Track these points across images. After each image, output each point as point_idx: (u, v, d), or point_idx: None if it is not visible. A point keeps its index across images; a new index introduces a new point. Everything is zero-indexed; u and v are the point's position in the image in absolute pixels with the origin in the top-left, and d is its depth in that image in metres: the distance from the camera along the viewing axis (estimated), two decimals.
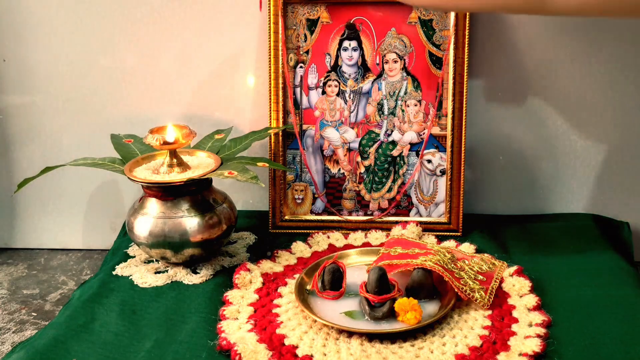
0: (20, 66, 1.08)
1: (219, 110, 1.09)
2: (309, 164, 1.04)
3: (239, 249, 0.99)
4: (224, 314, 0.82)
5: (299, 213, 1.05)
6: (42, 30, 1.07)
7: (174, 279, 0.91)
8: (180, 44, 1.07)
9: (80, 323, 0.81)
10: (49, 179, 0.99)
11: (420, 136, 1.03)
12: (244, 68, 1.07)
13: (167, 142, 0.90)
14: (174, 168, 0.92)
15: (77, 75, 1.08)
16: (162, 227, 0.90)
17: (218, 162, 0.93)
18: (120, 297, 0.87)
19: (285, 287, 0.87)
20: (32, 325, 0.93)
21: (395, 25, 1.00)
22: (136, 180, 0.90)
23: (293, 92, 1.02)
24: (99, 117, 1.10)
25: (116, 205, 1.14)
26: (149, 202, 0.92)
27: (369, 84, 1.02)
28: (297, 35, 1.01)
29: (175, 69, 1.08)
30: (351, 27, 1.01)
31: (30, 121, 1.11)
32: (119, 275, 0.93)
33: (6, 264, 1.12)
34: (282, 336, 0.76)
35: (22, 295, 1.01)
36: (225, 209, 0.94)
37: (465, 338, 0.76)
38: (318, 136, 1.04)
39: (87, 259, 1.13)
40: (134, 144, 1.00)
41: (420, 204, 1.04)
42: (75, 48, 1.07)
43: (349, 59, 1.02)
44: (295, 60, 1.02)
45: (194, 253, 0.92)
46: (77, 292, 0.90)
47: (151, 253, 0.93)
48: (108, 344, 0.78)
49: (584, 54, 1.03)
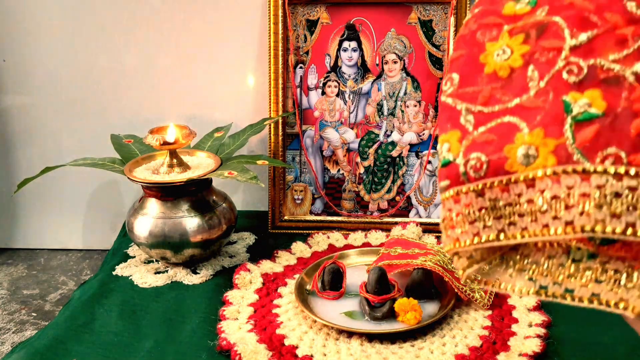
0: (20, 66, 1.08)
1: (219, 111, 1.09)
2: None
3: (239, 249, 0.99)
4: (224, 314, 0.82)
5: (298, 213, 1.06)
6: (42, 31, 1.07)
7: (174, 279, 0.91)
8: (180, 45, 1.07)
9: (80, 323, 0.81)
10: (49, 179, 1.00)
11: (419, 137, 1.03)
12: (244, 68, 1.07)
13: (167, 143, 0.90)
14: (174, 168, 0.92)
15: (77, 75, 1.08)
16: (162, 228, 0.90)
17: (218, 162, 0.93)
18: (120, 298, 0.87)
19: (285, 288, 0.88)
20: (32, 325, 0.93)
21: (395, 25, 1.00)
22: (136, 180, 0.90)
23: (297, 92, 1.03)
24: (99, 118, 1.10)
25: (116, 205, 1.14)
26: (149, 202, 0.92)
27: (368, 85, 1.02)
28: (297, 36, 1.02)
29: (176, 70, 1.08)
30: (351, 27, 1.01)
31: (31, 121, 1.11)
32: (119, 275, 0.93)
33: (6, 264, 1.12)
34: (282, 336, 0.76)
35: (22, 296, 1.01)
36: (225, 209, 0.94)
37: (465, 338, 0.76)
38: (317, 137, 1.04)
39: (87, 259, 1.13)
40: (134, 144, 1.00)
41: (419, 205, 1.04)
42: (75, 48, 1.07)
43: (349, 60, 1.02)
44: (295, 60, 1.02)
45: (194, 253, 0.92)
46: (77, 292, 0.90)
47: (151, 253, 0.93)
48: (108, 344, 0.77)
49: None
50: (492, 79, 0.49)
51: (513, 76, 0.48)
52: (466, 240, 0.47)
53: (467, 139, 0.48)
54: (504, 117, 0.47)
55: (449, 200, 0.48)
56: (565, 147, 0.44)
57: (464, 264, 0.50)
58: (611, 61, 0.45)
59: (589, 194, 0.42)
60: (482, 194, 0.46)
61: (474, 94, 0.50)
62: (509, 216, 0.46)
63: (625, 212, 0.42)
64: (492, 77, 0.49)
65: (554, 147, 0.45)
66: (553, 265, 0.49)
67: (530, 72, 0.47)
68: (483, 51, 0.51)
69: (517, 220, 0.45)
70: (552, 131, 0.45)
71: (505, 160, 0.46)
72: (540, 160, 0.45)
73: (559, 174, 0.44)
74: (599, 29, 0.46)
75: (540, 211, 0.44)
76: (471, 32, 0.53)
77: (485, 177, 0.46)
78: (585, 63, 0.45)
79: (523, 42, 0.48)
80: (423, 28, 1.00)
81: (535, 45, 0.48)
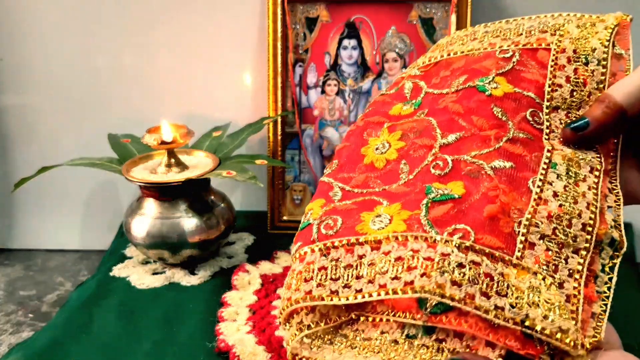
0: (17, 66, 1.08)
1: (217, 110, 1.09)
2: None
3: (238, 250, 0.99)
4: (222, 315, 0.81)
5: (297, 214, 1.05)
6: (40, 30, 1.06)
7: (172, 280, 0.91)
8: (178, 43, 1.06)
9: (78, 324, 0.81)
10: (46, 179, 0.99)
11: None
12: (242, 67, 1.06)
13: (164, 142, 0.90)
14: (171, 168, 0.91)
15: (75, 74, 1.08)
16: (160, 228, 0.89)
17: (216, 162, 0.93)
18: (117, 299, 0.87)
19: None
20: (29, 326, 0.93)
21: (395, 24, 1.00)
22: (133, 180, 0.89)
23: (296, 91, 1.02)
24: (96, 117, 1.09)
25: (114, 205, 1.13)
26: (147, 202, 0.91)
27: (368, 83, 1.02)
28: (296, 34, 1.01)
29: (173, 69, 1.07)
30: (351, 25, 1.00)
31: (27, 121, 1.10)
32: (116, 276, 0.92)
33: (3, 265, 1.11)
34: (281, 338, 0.76)
35: (19, 297, 1.01)
36: (224, 210, 0.93)
37: None
38: (317, 136, 1.04)
39: (85, 260, 1.12)
40: (131, 144, 0.99)
41: None
42: (72, 47, 1.07)
43: (349, 58, 1.01)
44: (295, 59, 1.02)
45: (192, 254, 0.91)
46: (75, 294, 0.89)
47: (149, 254, 0.92)
48: (106, 345, 0.77)
49: None
50: (369, 169, 0.53)
51: (387, 167, 0.53)
52: (297, 297, 0.46)
53: (329, 206, 0.51)
54: (370, 197, 0.50)
55: (295, 262, 0.49)
56: (418, 218, 0.46)
57: (292, 334, 0.49)
58: (473, 157, 0.49)
59: (433, 258, 0.43)
60: (327, 253, 0.47)
61: (349, 178, 0.53)
62: (346, 278, 0.45)
63: (466, 283, 0.42)
64: (369, 167, 0.53)
65: (408, 217, 0.46)
66: (386, 341, 0.47)
67: (402, 165, 0.52)
68: (365, 144, 0.56)
69: (352, 283, 0.45)
70: (409, 206, 0.47)
71: (358, 222, 0.48)
72: (392, 226, 0.46)
73: (407, 238, 0.45)
74: (466, 132, 0.51)
75: (380, 272, 0.44)
76: (358, 127, 0.58)
77: (335, 236, 0.48)
78: (451, 158, 0.50)
79: (400, 138, 0.54)
80: (424, 26, 0.99)
81: (411, 143, 0.53)
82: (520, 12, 1.02)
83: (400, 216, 0.46)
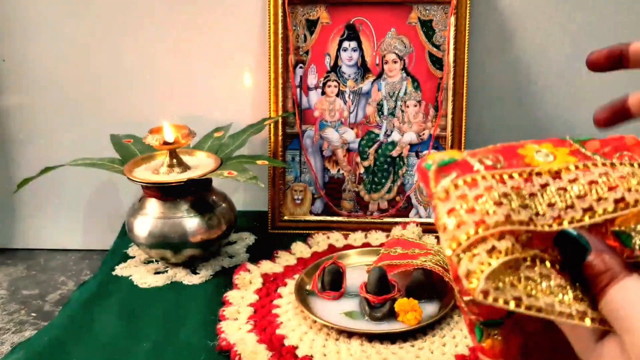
0: (19, 66, 1.08)
1: (218, 111, 1.09)
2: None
3: (239, 250, 0.99)
4: (223, 314, 0.82)
5: (298, 214, 1.05)
6: (41, 30, 1.06)
7: (173, 279, 0.91)
8: (180, 44, 1.07)
9: (80, 324, 0.81)
10: (49, 179, 0.99)
11: (420, 137, 1.03)
12: (243, 68, 1.07)
13: (166, 142, 0.90)
14: (173, 168, 0.92)
15: (76, 75, 1.08)
16: (162, 228, 0.90)
17: (218, 162, 0.93)
18: (119, 298, 0.87)
19: (285, 288, 0.87)
20: (32, 325, 0.93)
21: (395, 25, 1.00)
22: (136, 180, 0.90)
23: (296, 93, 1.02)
24: (98, 117, 1.10)
25: (116, 205, 1.14)
26: (149, 202, 0.92)
27: (368, 85, 1.02)
28: (296, 36, 1.01)
29: (175, 69, 1.08)
30: (351, 27, 1.01)
31: (30, 121, 1.11)
32: (118, 275, 0.93)
33: (5, 265, 1.11)
34: (282, 337, 0.76)
35: (21, 296, 1.01)
36: (225, 210, 0.94)
37: (465, 338, 0.76)
38: (317, 137, 1.04)
39: (87, 260, 1.13)
40: (133, 144, 1.00)
41: (419, 205, 1.04)
42: (75, 48, 1.07)
43: (349, 60, 1.02)
44: (295, 60, 1.02)
45: (194, 253, 0.92)
46: (77, 293, 0.89)
47: (151, 253, 0.93)
48: (107, 344, 0.77)
49: (588, 52, 1.03)
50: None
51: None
52: (497, 221, 0.39)
53: (476, 152, 0.44)
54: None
55: (459, 188, 0.40)
56: (581, 152, 0.44)
57: (479, 264, 0.39)
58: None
59: (625, 176, 0.42)
60: (502, 181, 0.41)
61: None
62: (535, 206, 0.41)
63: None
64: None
65: (569, 152, 0.44)
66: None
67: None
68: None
69: (546, 211, 0.41)
70: (561, 144, 0.45)
71: (523, 157, 0.43)
72: (561, 159, 0.43)
73: (587, 166, 0.43)
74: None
75: (579, 196, 0.41)
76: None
77: (504, 168, 0.42)
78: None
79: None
80: (423, 28, 1.00)
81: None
82: (520, 13, 1.02)
83: (561, 152, 0.44)
